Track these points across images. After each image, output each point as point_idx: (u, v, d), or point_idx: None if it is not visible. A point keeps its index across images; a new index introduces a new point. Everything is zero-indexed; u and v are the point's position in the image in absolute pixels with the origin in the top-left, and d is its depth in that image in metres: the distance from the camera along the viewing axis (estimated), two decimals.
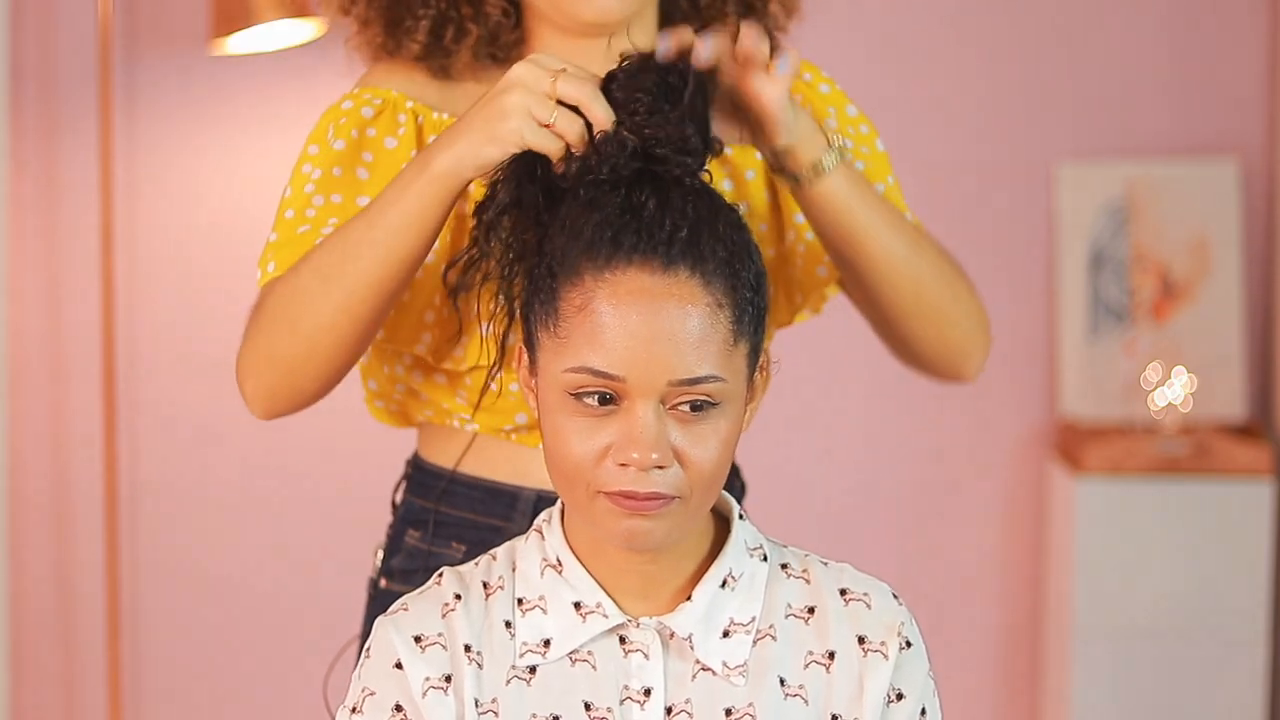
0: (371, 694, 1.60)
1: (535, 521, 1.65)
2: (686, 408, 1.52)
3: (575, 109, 1.63)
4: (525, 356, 1.61)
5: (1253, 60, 3.76)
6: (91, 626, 3.77)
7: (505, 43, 1.93)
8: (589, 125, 1.61)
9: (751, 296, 1.55)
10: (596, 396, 1.51)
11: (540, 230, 1.60)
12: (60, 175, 3.70)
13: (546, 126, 1.63)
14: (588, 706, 1.58)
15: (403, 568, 1.97)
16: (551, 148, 1.63)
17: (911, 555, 3.82)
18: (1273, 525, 3.54)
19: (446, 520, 1.95)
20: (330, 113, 1.91)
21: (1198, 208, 3.72)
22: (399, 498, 2.04)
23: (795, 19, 2.04)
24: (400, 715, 1.58)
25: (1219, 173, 3.72)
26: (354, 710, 1.61)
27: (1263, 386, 3.76)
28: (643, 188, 1.54)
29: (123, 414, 3.69)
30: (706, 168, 1.61)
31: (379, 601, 1.97)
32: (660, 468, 1.51)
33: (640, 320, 1.50)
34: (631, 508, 1.52)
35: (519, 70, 1.65)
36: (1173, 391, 3.66)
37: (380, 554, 2.01)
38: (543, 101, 1.63)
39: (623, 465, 1.51)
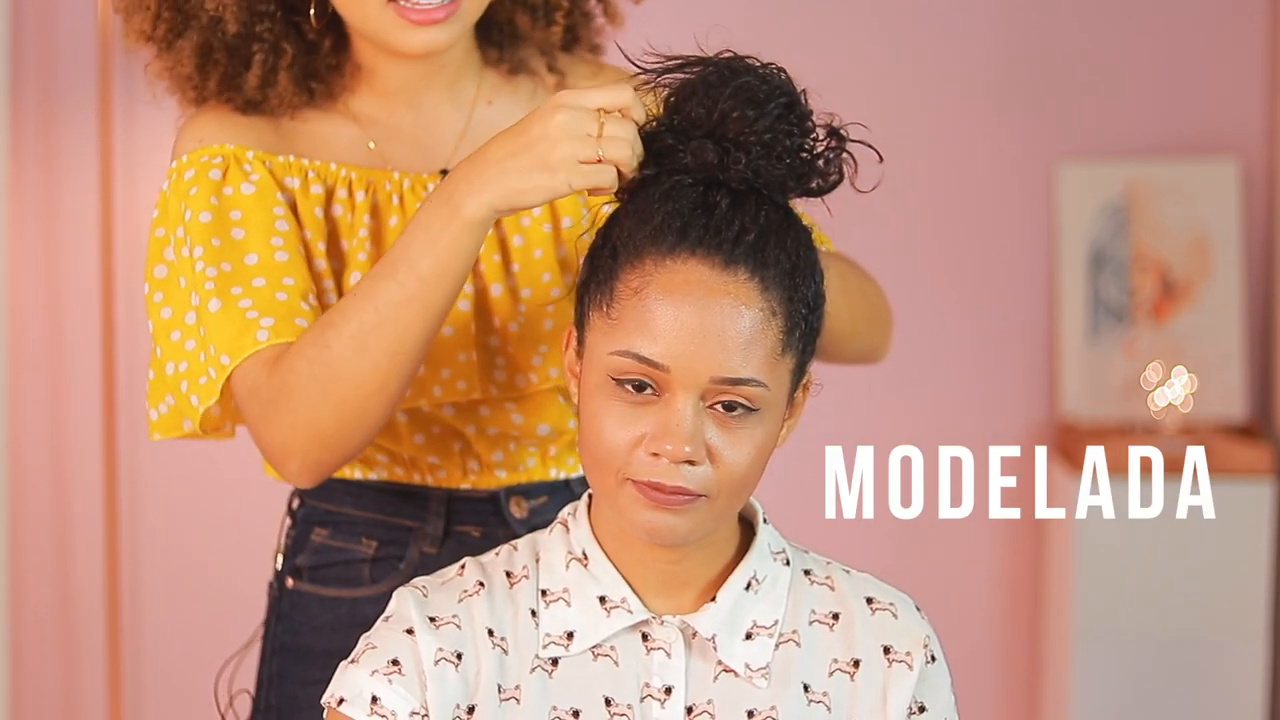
0: (373, 648, 1.59)
1: (560, 514, 1.65)
2: (724, 408, 1.52)
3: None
4: (573, 337, 1.61)
5: (1253, 60, 3.75)
6: (92, 626, 3.76)
7: (322, 68, 1.90)
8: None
9: (806, 314, 1.56)
10: (634, 384, 1.51)
11: (608, 221, 1.60)
12: (60, 173, 3.69)
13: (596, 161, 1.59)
14: (608, 702, 1.58)
15: (311, 564, 1.95)
16: (604, 180, 1.59)
17: (910, 555, 3.82)
18: (1273, 525, 3.54)
19: (354, 519, 1.94)
20: (175, 190, 1.85)
21: (1198, 208, 3.72)
22: (295, 504, 2.03)
23: (615, 24, 2.03)
24: (395, 669, 1.57)
25: (1219, 172, 3.72)
26: (352, 661, 1.60)
27: (1263, 386, 3.76)
28: (720, 189, 1.54)
29: (122, 413, 3.67)
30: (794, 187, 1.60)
31: (287, 600, 1.97)
32: (691, 463, 1.51)
33: (692, 312, 1.50)
34: (657, 500, 1.51)
35: (561, 119, 1.59)
36: (1173, 392, 3.66)
37: (280, 557, 1.99)
38: (588, 144, 1.58)
39: (654, 455, 1.51)
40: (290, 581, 1.97)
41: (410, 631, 1.58)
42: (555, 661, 1.59)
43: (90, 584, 3.74)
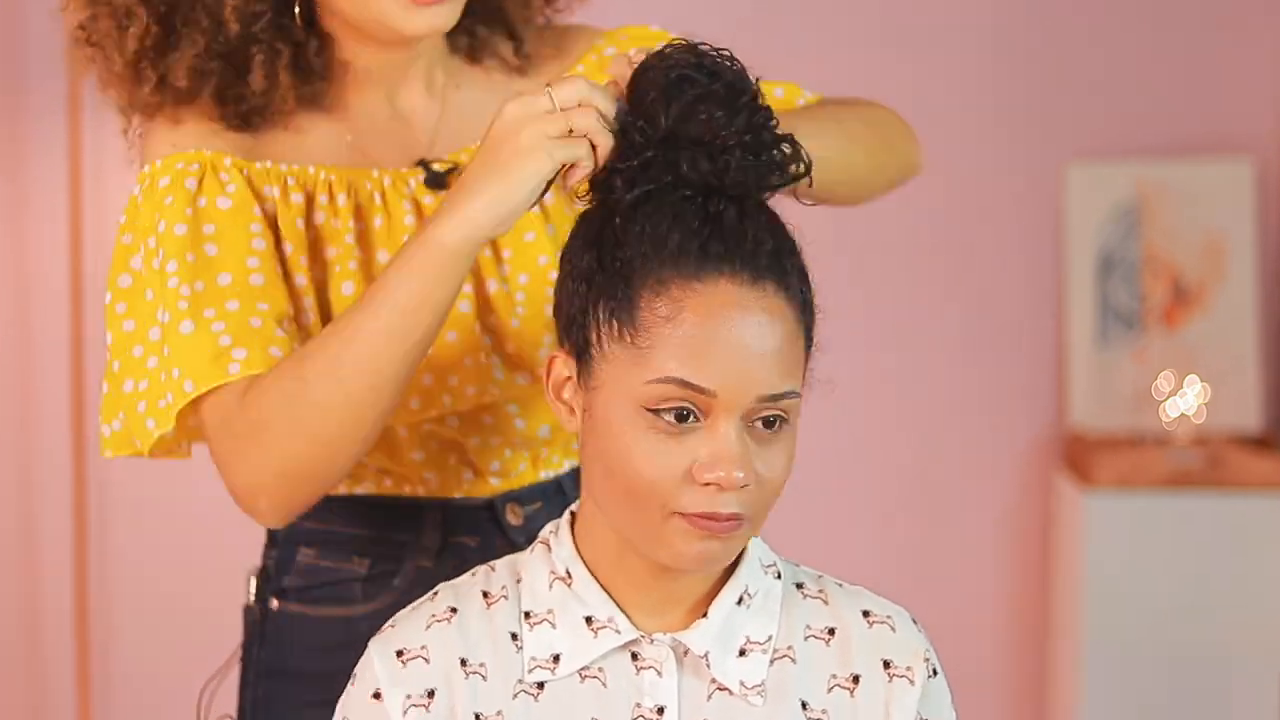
0: None
1: (541, 534, 1.63)
2: (762, 424, 1.52)
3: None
4: (562, 370, 1.58)
5: (1266, 58, 3.78)
6: (59, 643, 3.78)
7: (313, 65, 1.89)
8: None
9: (810, 318, 1.58)
10: (676, 412, 1.50)
11: (597, 245, 1.56)
12: (29, 174, 3.71)
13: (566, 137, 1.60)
14: None
15: (300, 585, 1.93)
16: (581, 153, 1.58)
17: (917, 568, 3.85)
18: None
19: (344, 536, 1.92)
20: (148, 197, 1.82)
21: (1211, 209, 3.74)
22: None
23: None
24: None
25: (1233, 173, 3.74)
26: None
27: (1278, 396, 3.79)
28: (718, 198, 1.53)
29: (91, 422, 3.69)
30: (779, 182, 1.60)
31: (272, 622, 1.95)
32: (745, 487, 1.51)
33: (734, 333, 1.49)
34: (711, 529, 1.50)
35: (514, 109, 1.60)
36: (1185, 401, 3.67)
37: (254, 579, 1.97)
38: (552, 120, 1.59)
39: (705, 485, 1.50)
40: (275, 603, 1.95)
41: (378, 695, 1.57)
42: (541, 685, 1.57)
43: (58, 600, 3.77)
